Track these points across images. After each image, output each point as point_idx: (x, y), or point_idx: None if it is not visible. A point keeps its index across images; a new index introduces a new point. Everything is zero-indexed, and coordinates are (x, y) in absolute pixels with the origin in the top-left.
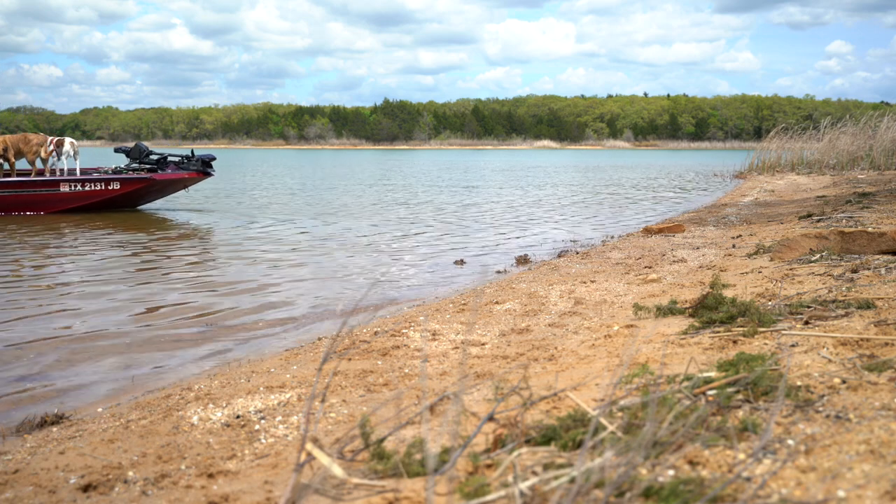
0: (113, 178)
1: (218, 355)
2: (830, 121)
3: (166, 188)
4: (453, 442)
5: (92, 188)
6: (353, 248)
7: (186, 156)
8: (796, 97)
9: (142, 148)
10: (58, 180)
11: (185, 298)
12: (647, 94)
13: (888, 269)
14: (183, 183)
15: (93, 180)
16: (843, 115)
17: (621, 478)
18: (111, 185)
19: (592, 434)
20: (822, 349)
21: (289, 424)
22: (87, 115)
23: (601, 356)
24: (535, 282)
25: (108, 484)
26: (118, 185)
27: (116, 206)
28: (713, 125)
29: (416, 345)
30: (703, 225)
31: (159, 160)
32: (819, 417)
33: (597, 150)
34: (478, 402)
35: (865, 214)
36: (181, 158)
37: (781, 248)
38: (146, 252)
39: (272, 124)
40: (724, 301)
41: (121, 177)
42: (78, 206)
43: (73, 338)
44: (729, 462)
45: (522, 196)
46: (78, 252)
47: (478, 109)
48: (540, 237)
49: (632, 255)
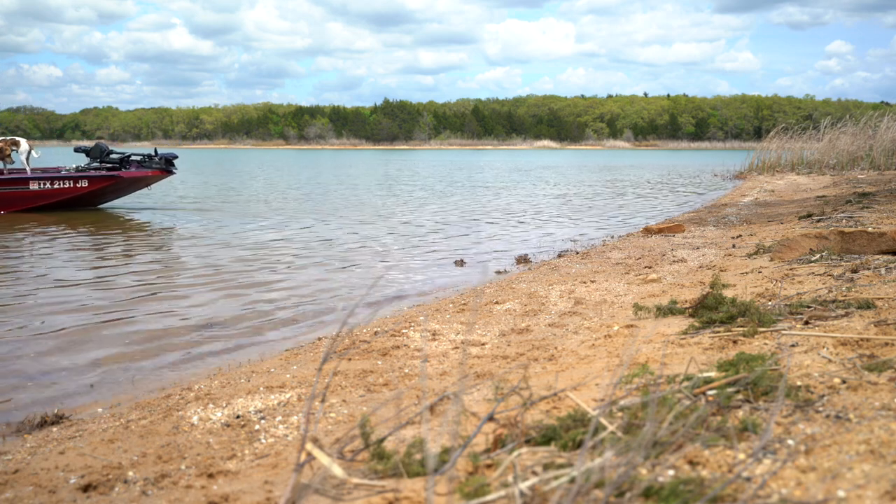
0: (81, 175)
1: (218, 355)
2: (830, 121)
3: (131, 186)
4: (453, 442)
5: (61, 186)
6: (354, 248)
7: (149, 154)
8: (796, 97)
9: (102, 147)
10: (28, 178)
11: (185, 299)
12: (647, 94)
13: (888, 269)
14: (146, 181)
15: (62, 178)
16: (843, 115)
17: (621, 478)
18: (79, 182)
19: (592, 434)
20: (822, 349)
21: (289, 424)
22: (88, 115)
23: (601, 356)
24: (535, 282)
25: (108, 484)
26: (86, 183)
27: (82, 205)
28: (713, 125)
29: (416, 345)
30: (703, 225)
31: (122, 159)
32: (819, 417)
33: (597, 150)
34: (478, 402)
35: (865, 214)
36: (143, 157)
37: (781, 248)
38: (146, 252)
39: (272, 124)
40: (724, 301)
41: (89, 175)
42: (47, 203)
43: (73, 338)
44: (729, 462)
45: (522, 197)
46: (79, 252)
47: (478, 109)
48: (540, 237)
49: (632, 255)
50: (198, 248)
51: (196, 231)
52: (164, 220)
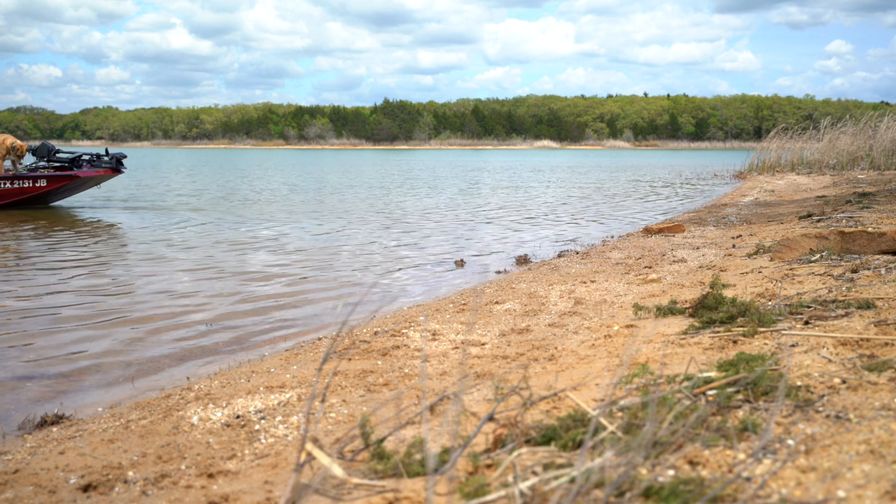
0: (40, 175)
1: (218, 355)
2: (830, 121)
3: (85, 184)
4: (453, 442)
5: (21, 185)
6: (354, 248)
7: (98, 154)
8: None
9: (48, 146)
10: None
11: (185, 298)
12: (647, 94)
13: (888, 269)
14: (98, 180)
15: (22, 177)
16: (843, 115)
17: (621, 478)
18: (38, 182)
19: (592, 434)
20: (822, 349)
21: (289, 424)
22: (88, 115)
23: (601, 356)
24: (535, 282)
25: (108, 484)
26: (45, 182)
27: (35, 203)
28: (713, 125)
29: (416, 345)
30: (703, 225)
31: (73, 159)
32: (819, 417)
33: (597, 150)
34: (478, 402)
35: (865, 214)
36: (92, 157)
37: (781, 248)
38: (145, 252)
39: (272, 124)
40: (724, 301)
41: (47, 174)
42: (6, 202)
43: (73, 338)
44: (729, 462)
45: (522, 197)
46: (80, 252)
47: (478, 109)
48: (540, 237)
49: (632, 255)
50: (198, 248)
51: (196, 231)
52: (165, 220)
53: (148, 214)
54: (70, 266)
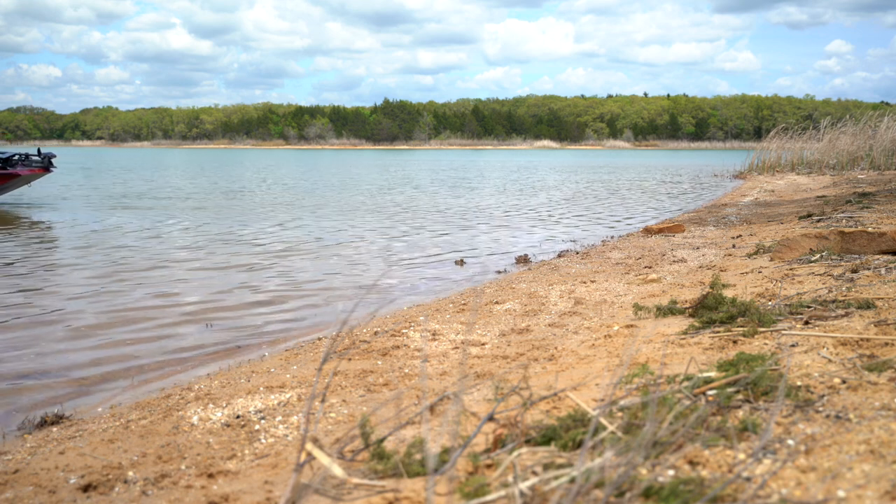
0: None
1: (218, 355)
2: (830, 121)
3: (18, 183)
4: (453, 442)
5: None
6: (354, 248)
7: (27, 154)
8: (796, 97)
9: None
10: None
11: (185, 298)
12: (646, 94)
13: (888, 269)
14: (31, 178)
15: None
16: (843, 115)
17: (621, 478)
18: None
19: (592, 434)
20: (822, 349)
21: (289, 424)
22: (88, 115)
23: (601, 356)
24: (535, 282)
25: (108, 484)
26: None
27: None
28: (713, 125)
29: (416, 345)
30: (703, 225)
31: (6, 159)
32: (819, 417)
33: (597, 151)
34: (478, 402)
35: (865, 214)
36: (23, 156)
37: (781, 248)
38: (145, 252)
39: (272, 124)
40: (724, 301)
41: None
42: None
43: (73, 337)
44: (729, 462)
45: (522, 197)
46: (82, 252)
47: (478, 109)
48: (540, 237)
49: (632, 255)
50: (197, 248)
51: (196, 231)
52: (165, 220)
53: (148, 214)
54: (70, 266)
